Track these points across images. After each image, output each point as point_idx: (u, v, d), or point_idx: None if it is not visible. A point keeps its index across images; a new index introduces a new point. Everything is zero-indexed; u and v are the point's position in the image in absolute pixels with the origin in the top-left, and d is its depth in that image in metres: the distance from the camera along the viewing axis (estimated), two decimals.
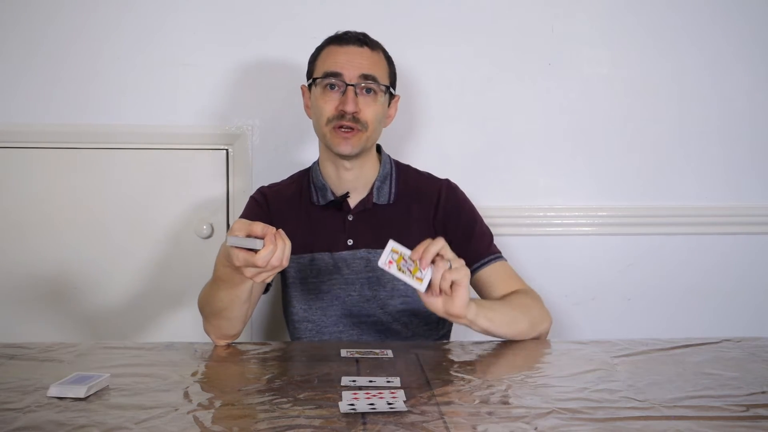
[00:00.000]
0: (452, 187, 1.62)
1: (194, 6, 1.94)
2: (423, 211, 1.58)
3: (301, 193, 1.61)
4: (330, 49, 1.53)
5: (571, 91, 2.03)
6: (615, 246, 2.07)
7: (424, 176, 1.64)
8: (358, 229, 1.56)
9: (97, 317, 1.97)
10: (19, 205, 1.95)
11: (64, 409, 1.01)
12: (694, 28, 2.04)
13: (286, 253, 1.18)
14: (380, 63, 1.54)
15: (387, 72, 1.56)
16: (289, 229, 1.55)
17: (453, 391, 1.10)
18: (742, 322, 2.10)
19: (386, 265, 1.24)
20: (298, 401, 1.05)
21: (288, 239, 1.19)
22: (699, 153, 2.07)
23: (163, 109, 1.95)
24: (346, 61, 1.49)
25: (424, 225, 1.56)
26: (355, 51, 1.51)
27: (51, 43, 1.92)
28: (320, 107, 1.51)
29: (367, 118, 1.49)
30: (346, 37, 1.52)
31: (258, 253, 1.15)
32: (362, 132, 1.50)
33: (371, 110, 1.50)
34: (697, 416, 1.00)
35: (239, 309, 1.37)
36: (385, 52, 1.57)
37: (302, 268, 1.56)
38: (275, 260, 1.16)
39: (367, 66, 1.50)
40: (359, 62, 1.50)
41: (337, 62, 1.50)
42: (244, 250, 1.16)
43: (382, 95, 1.53)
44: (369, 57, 1.51)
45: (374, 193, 1.57)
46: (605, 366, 1.24)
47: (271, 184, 1.67)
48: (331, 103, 1.50)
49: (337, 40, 1.53)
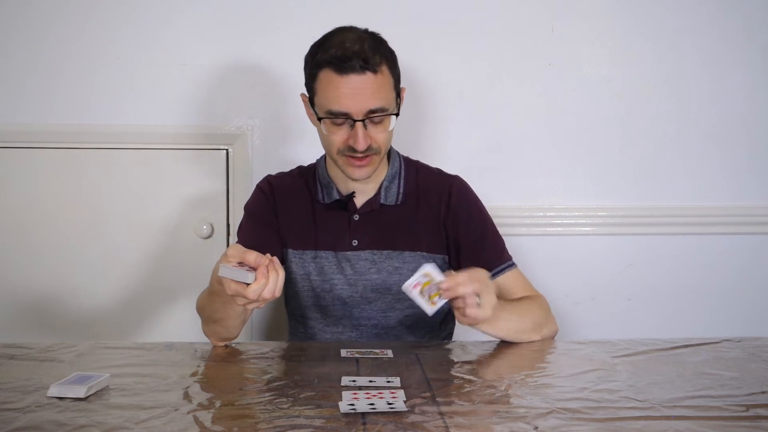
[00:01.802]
0: (463, 187, 1.58)
1: (194, 6, 1.94)
2: (431, 211, 1.54)
3: (307, 188, 1.58)
4: (329, 76, 1.38)
5: (571, 91, 2.03)
6: (615, 246, 2.07)
7: (433, 173, 1.60)
8: (363, 230, 1.53)
9: (97, 317, 1.97)
10: (19, 205, 1.95)
11: (64, 409, 1.01)
12: (694, 28, 2.04)
13: (279, 284, 1.15)
14: (385, 85, 1.40)
15: (393, 88, 1.43)
16: (293, 223, 1.55)
17: (453, 391, 1.10)
18: (741, 322, 2.10)
19: (410, 288, 1.20)
20: (298, 401, 1.05)
21: (281, 269, 1.15)
22: (698, 153, 2.07)
23: (163, 109, 1.95)
24: (350, 97, 1.37)
25: (432, 226, 1.54)
26: (357, 81, 1.36)
27: (51, 43, 1.92)
28: (329, 140, 1.43)
29: (379, 143, 1.43)
30: (345, 65, 1.35)
31: (249, 286, 1.12)
32: (376, 156, 1.45)
33: (382, 136, 1.42)
34: (697, 416, 1.00)
35: (236, 320, 1.36)
36: (387, 61, 1.41)
37: (305, 264, 1.54)
38: (267, 293, 1.13)
39: (372, 97, 1.38)
40: (365, 96, 1.37)
41: (340, 100, 1.37)
42: (236, 281, 1.13)
43: (390, 118, 1.43)
44: (373, 84, 1.37)
45: (382, 194, 1.54)
46: (605, 366, 1.24)
47: (278, 174, 1.63)
48: (340, 136, 1.41)
49: (336, 67, 1.36)
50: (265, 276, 1.13)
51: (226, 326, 1.37)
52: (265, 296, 1.13)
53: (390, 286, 1.52)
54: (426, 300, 1.21)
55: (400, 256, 1.52)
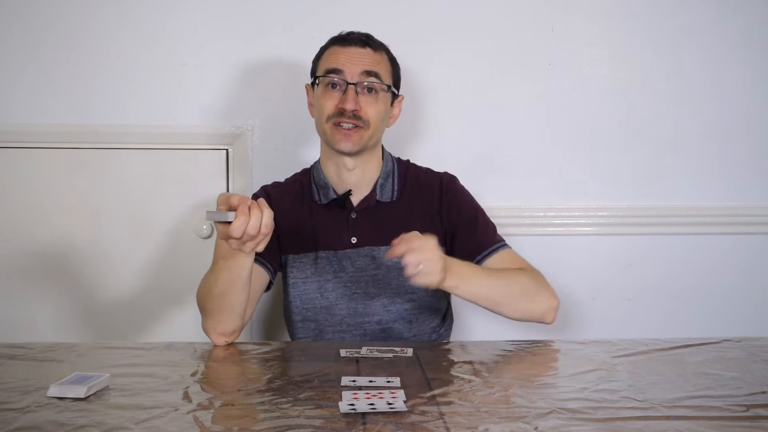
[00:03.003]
0: (452, 180, 1.63)
1: (195, 6, 1.94)
2: (427, 205, 1.58)
3: (303, 191, 1.61)
4: (333, 48, 1.54)
5: (571, 91, 2.03)
6: (615, 246, 2.07)
7: (423, 171, 1.65)
8: (362, 227, 1.56)
9: (97, 317, 1.97)
10: (19, 205, 1.95)
11: (64, 409, 1.01)
12: (694, 28, 2.04)
13: (265, 221, 1.22)
14: (383, 62, 1.55)
15: (390, 72, 1.56)
16: (292, 228, 1.56)
17: (453, 391, 1.10)
18: (742, 322, 2.09)
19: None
20: (298, 401, 1.05)
21: (266, 208, 1.23)
22: (698, 153, 2.07)
23: (163, 109, 1.95)
24: (347, 60, 1.51)
25: (429, 219, 1.56)
26: (357, 51, 1.52)
27: (51, 43, 1.92)
28: (321, 105, 1.52)
29: (368, 116, 1.50)
30: (349, 37, 1.53)
31: (231, 224, 1.19)
32: (364, 129, 1.50)
33: (373, 108, 1.51)
34: (697, 416, 1.00)
35: (238, 294, 1.36)
36: (388, 53, 1.58)
37: (306, 267, 1.56)
38: (251, 229, 1.20)
39: (369, 64, 1.51)
40: (361, 61, 1.51)
41: (338, 60, 1.51)
42: (222, 223, 1.21)
43: (383, 94, 1.53)
44: (371, 56, 1.53)
45: (377, 191, 1.57)
46: (605, 366, 1.24)
47: (274, 183, 1.67)
48: (331, 101, 1.51)
49: (340, 41, 1.54)
50: (245, 213, 1.20)
51: (230, 306, 1.37)
52: (250, 232, 1.20)
53: (390, 281, 1.54)
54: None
55: None
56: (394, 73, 1.58)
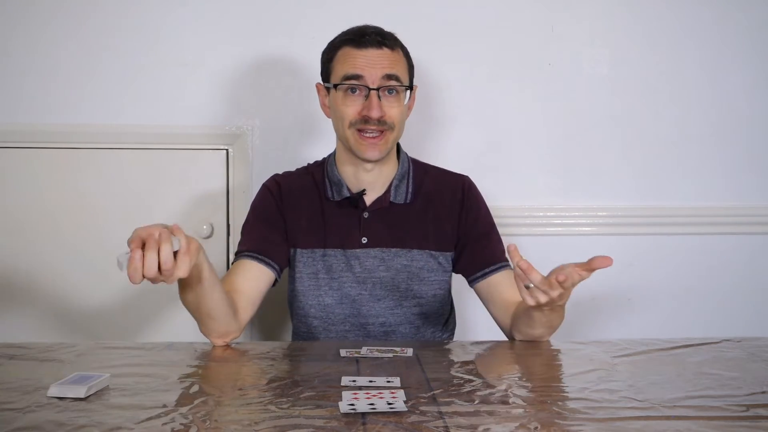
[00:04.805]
0: (471, 185, 1.62)
1: (194, 6, 1.94)
2: (442, 209, 1.56)
3: (316, 186, 1.58)
4: (347, 50, 1.48)
5: (571, 91, 2.03)
6: (615, 246, 2.07)
7: (443, 172, 1.63)
8: (373, 228, 1.54)
9: (97, 317, 1.97)
10: (19, 205, 1.95)
11: (64, 409, 1.01)
12: (694, 28, 2.04)
13: (163, 258, 1.12)
14: (400, 62, 1.49)
15: (407, 69, 1.52)
16: (301, 222, 1.55)
17: (453, 391, 1.10)
18: (742, 322, 2.10)
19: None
20: (298, 401, 1.05)
21: (165, 242, 1.13)
22: (698, 153, 2.07)
23: (163, 109, 1.95)
24: (366, 64, 1.45)
25: (444, 223, 1.55)
26: (374, 53, 1.46)
27: (51, 43, 1.92)
28: (342, 111, 1.47)
29: (393, 118, 1.46)
30: (363, 39, 1.46)
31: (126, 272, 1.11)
32: (389, 132, 1.47)
33: (396, 110, 1.47)
34: (697, 416, 1.00)
35: (210, 301, 1.30)
36: (403, 48, 1.53)
37: (313, 263, 1.54)
38: (147, 272, 1.11)
39: (388, 66, 1.46)
40: (380, 64, 1.45)
41: (356, 65, 1.45)
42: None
43: (404, 94, 1.49)
44: (389, 57, 1.47)
45: (392, 192, 1.55)
46: (605, 366, 1.24)
47: (285, 173, 1.63)
48: (353, 107, 1.46)
49: (354, 42, 1.47)
50: (136, 259, 1.11)
51: (213, 316, 1.33)
52: (148, 276, 1.12)
53: (398, 284, 1.53)
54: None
55: (409, 253, 1.53)
56: (410, 68, 1.54)
